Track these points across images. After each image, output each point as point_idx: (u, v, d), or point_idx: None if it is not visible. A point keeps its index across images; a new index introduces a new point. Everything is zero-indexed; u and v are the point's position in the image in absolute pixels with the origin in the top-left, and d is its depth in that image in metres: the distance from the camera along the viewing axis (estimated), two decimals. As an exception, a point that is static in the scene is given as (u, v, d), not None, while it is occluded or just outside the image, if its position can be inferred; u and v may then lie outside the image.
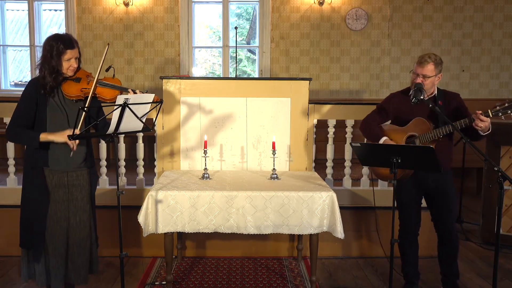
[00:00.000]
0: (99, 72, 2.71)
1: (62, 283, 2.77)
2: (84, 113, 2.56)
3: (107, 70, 2.89)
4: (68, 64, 2.66)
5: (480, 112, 2.77)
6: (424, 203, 3.24)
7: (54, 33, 2.73)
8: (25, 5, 6.58)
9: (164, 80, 3.88)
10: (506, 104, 2.73)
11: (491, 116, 2.76)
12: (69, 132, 2.58)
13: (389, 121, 3.27)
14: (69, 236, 2.75)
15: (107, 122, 2.72)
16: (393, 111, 3.17)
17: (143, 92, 2.76)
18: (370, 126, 3.19)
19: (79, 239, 2.76)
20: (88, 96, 2.69)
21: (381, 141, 3.07)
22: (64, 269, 2.75)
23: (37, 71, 2.70)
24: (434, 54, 3.02)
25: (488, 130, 2.84)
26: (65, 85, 2.68)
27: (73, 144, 2.62)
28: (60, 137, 2.60)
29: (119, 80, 2.82)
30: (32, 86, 2.69)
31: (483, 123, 2.76)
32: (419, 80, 2.97)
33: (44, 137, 2.61)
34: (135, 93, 2.72)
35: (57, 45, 2.61)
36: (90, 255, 2.84)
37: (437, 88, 3.10)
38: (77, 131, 2.53)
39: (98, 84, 2.72)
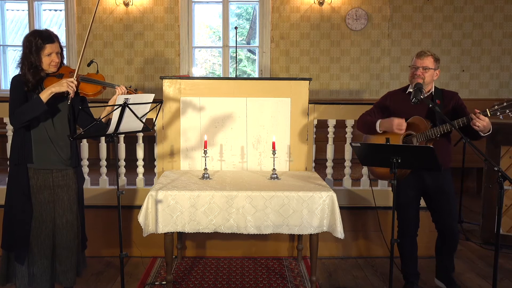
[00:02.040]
0: (80, 64, 2.68)
1: (48, 285, 2.70)
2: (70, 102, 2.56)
3: (88, 64, 2.86)
4: (49, 59, 2.62)
5: (479, 111, 2.75)
6: (422, 203, 3.24)
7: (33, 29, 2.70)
8: (25, 5, 6.57)
9: (164, 80, 3.88)
10: (505, 104, 2.70)
11: (489, 115, 2.74)
12: (66, 80, 2.54)
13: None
14: (55, 238, 2.70)
15: (98, 122, 2.71)
16: (390, 108, 3.17)
17: (128, 88, 2.72)
18: (365, 118, 3.22)
19: (65, 241, 2.70)
20: (70, 92, 2.63)
21: (377, 125, 3.08)
22: (51, 271, 2.69)
23: (18, 70, 2.65)
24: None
25: (489, 131, 2.81)
26: (47, 81, 2.64)
27: (73, 90, 2.54)
28: (59, 86, 2.53)
29: (102, 76, 2.78)
30: (17, 82, 2.63)
31: (481, 123, 2.73)
32: (419, 72, 2.99)
33: (46, 95, 2.52)
34: (114, 88, 2.67)
35: (36, 40, 2.57)
36: (77, 257, 2.78)
37: (435, 87, 3.10)
38: (74, 81, 2.52)
39: (80, 80, 2.68)
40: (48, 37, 2.61)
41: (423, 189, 3.12)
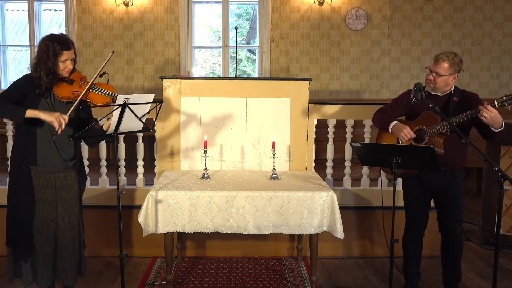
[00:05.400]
0: (95, 78, 2.69)
1: (49, 283, 2.74)
2: (75, 105, 2.56)
3: (101, 76, 2.87)
4: (64, 65, 2.63)
5: (487, 103, 2.73)
6: (432, 203, 3.22)
7: (49, 33, 2.70)
8: (25, 5, 6.58)
9: (164, 80, 3.88)
10: None
11: (497, 106, 2.70)
12: (58, 114, 2.51)
13: (403, 117, 3.24)
14: (57, 237, 2.72)
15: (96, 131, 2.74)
16: (406, 106, 3.14)
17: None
18: (382, 114, 3.19)
19: (67, 240, 2.73)
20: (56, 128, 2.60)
21: (391, 126, 3.04)
22: (52, 269, 2.73)
23: (30, 70, 2.65)
24: (454, 53, 2.95)
25: (501, 126, 2.76)
26: (58, 87, 2.65)
27: (60, 126, 2.50)
28: (49, 116, 2.51)
29: (112, 87, 2.79)
30: (26, 80, 2.63)
31: (489, 114, 2.68)
32: (430, 77, 2.96)
33: (31, 112, 2.51)
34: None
35: (54, 46, 2.58)
36: (80, 256, 2.81)
37: (455, 87, 3.03)
38: (66, 118, 2.51)
39: (91, 89, 2.68)
40: (65, 43, 2.62)
41: (432, 189, 3.09)
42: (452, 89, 3.03)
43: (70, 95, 2.65)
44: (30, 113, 2.52)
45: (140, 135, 3.96)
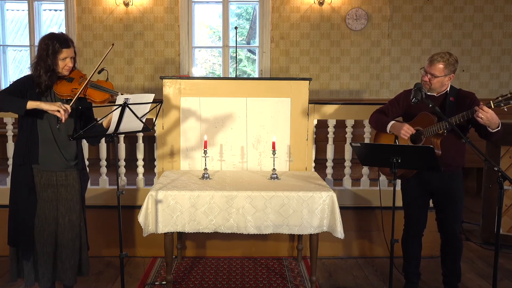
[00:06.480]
0: (93, 73, 2.70)
1: (50, 282, 2.75)
2: (75, 99, 2.57)
3: (99, 72, 2.87)
4: (64, 63, 2.65)
5: (483, 103, 2.72)
6: (431, 203, 3.21)
7: (49, 32, 2.72)
8: (25, 5, 6.58)
9: (164, 80, 3.88)
10: (509, 95, 2.66)
11: (492, 107, 2.69)
12: (60, 103, 2.51)
13: (400, 118, 3.24)
14: (58, 236, 2.73)
15: (99, 126, 2.74)
16: (403, 107, 3.15)
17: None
18: (379, 115, 3.18)
19: (67, 240, 2.73)
20: (79, 97, 2.65)
21: (389, 125, 3.04)
22: (52, 269, 2.73)
23: (31, 70, 2.67)
24: (449, 53, 2.93)
25: (498, 127, 2.77)
26: (57, 85, 2.67)
27: (62, 115, 2.49)
28: (51, 106, 2.49)
29: (111, 84, 2.80)
30: (26, 80, 2.65)
31: (485, 114, 2.68)
32: (426, 78, 2.96)
33: (33, 103, 2.49)
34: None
35: (53, 44, 2.60)
36: (80, 257, 2.81)
37: (452, 86, 3.03)
38: (68, 107, 2.50)
39: (89, 86, 2.70)
40: (64, 41, 2.64)
41: (431, 189, 3.09)
42: (448, 88, 3.03)
43: (70, 92, 2.66)
44: (31, 104, 2.50)
45: (140, 135, 3.96)
